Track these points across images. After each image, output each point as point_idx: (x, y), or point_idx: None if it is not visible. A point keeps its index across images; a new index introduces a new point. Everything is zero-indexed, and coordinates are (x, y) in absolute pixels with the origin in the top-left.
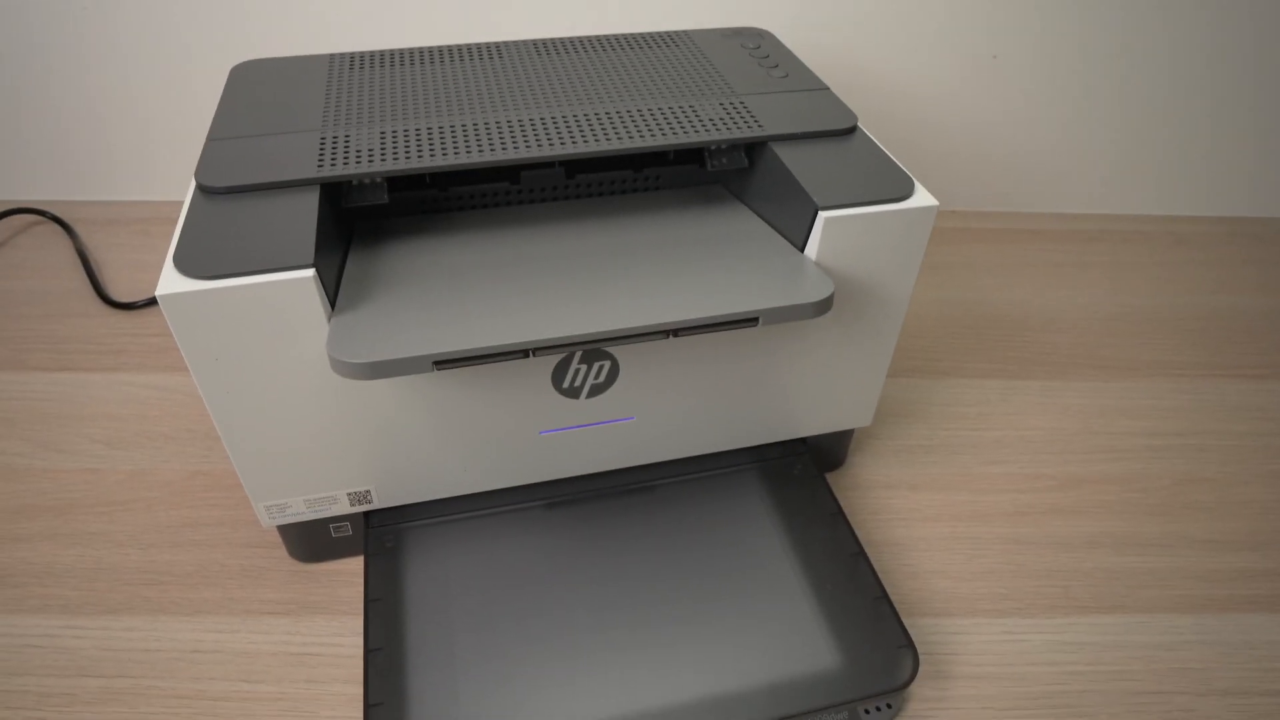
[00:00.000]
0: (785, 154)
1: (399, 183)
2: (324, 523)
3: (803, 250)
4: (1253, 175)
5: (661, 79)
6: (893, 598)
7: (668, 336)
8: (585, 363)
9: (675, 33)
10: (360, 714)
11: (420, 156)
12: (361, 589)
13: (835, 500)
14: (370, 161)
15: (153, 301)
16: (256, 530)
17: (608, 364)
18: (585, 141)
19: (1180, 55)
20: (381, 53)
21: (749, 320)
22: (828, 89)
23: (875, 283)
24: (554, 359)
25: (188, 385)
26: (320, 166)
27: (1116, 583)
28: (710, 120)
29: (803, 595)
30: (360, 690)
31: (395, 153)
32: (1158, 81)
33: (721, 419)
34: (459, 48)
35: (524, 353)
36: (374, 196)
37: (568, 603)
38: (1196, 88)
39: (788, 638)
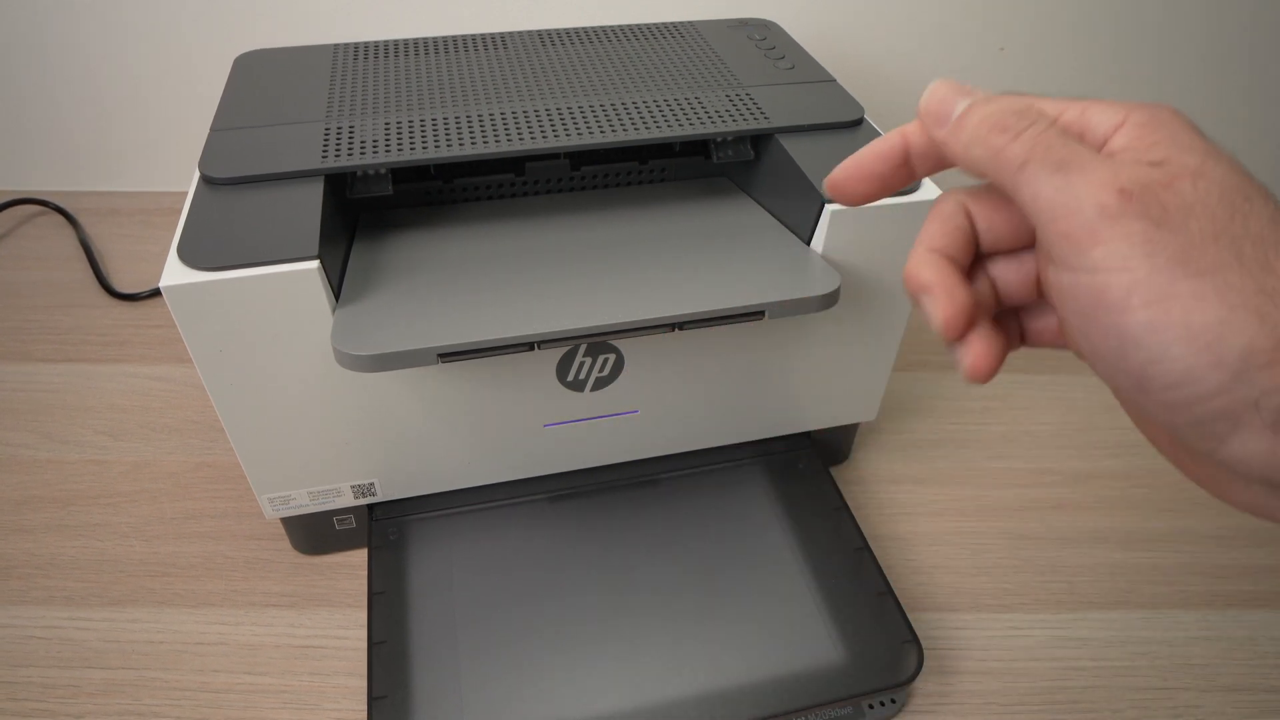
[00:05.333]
0: (791, 146)
1: (403, 174)
2: (327, 515)
3: (809, 243)
4: (1257, 170)
5: (667, 70)
6: (897, 592)
7: (673, 330)
8: (590, 356)
9: (681, 23)
10: (364, 706)
11: (425, 148)
12: (365, 581)
13: (839, 495)
14: (375, 153)
15: (156, 292)
16: (260, 522)
17: (612, 357)
18: (590, 133)
19: (1185, 51)
20: (386, 43)
21: (755, 313)
22: (834, 81)
23: (882, 276)
24: (559, 352)
25: (191, 376)
26: (324, 157)
27: (1121, 578)
28: (716, 112)
29: (807, 590)
30: (364, 683)
31: (400, 144)
32: (1161, 76)
33: (726, 413)
34: (463, 38)
35: (528, 345)
36: (378, 188)
37: (571, 596)
38: (1201, 83)
39: (792, 632)
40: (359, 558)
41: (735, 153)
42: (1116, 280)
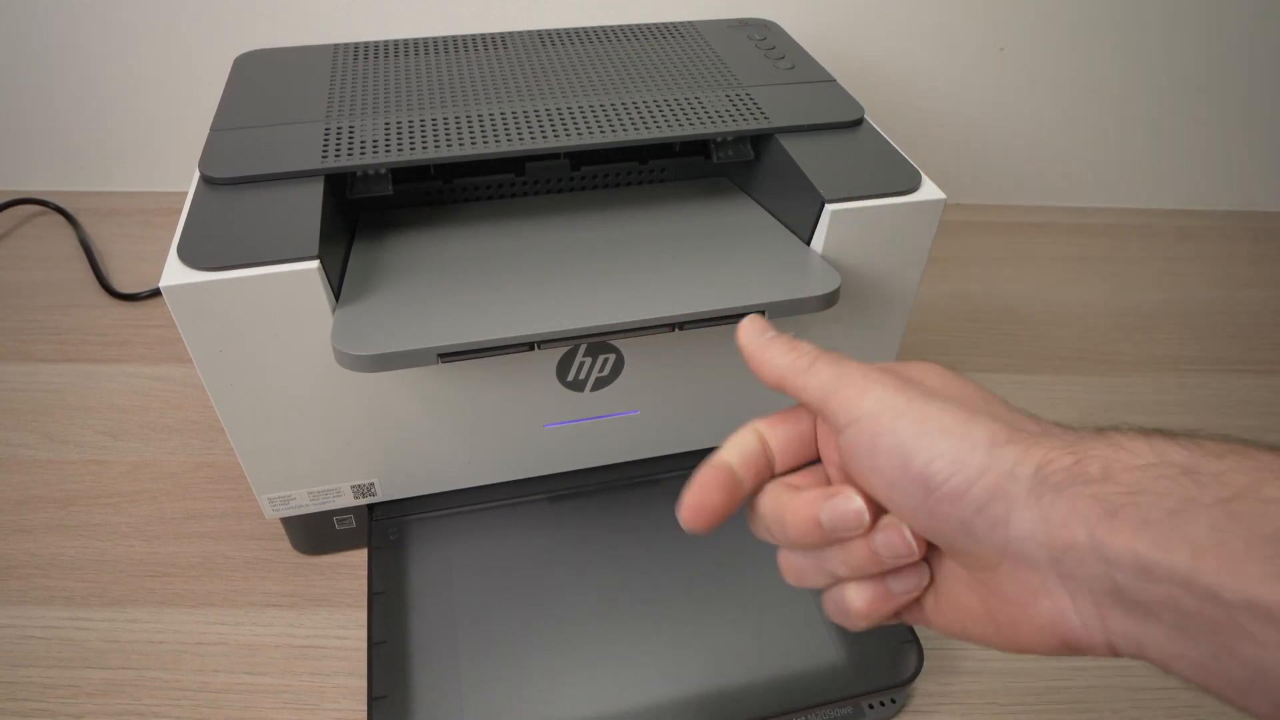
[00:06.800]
0: (791, 146)
1: (403, 174)
2: (327, 515)
3: (809, 243)
4: (1257, 169)
5: (667, 70)
6: None
7: (673, 330)
8: (590, 356)
9: (681, 23)
10: (364, 706)
11: (425, 148)
12: (365, 581)
13: None
14: (374, 153)
15: (156, 292)
16: (260, 522)
17: (612, 357)
18: (590, 133)
19: (1185, 49)
20: (386, 43)
21: (755, 313)
22: (834, 81)
23: (882, 276)
24: (558, 352)
25: (191, 376)
26: (324, 157)
27: None
28: (716, 112)
29: (807, 590)
30: (364, 683)
31: (400, 144)
32: (1163, 75)
33: (726, 413)
34: (463, 38)
35: (528, 345)
36: (378, 188)
37: (571, 597)
38: (1201, 81)
39: (792, 632)
40: (359, 558)
41: (735, 153)
42: (887, 413)
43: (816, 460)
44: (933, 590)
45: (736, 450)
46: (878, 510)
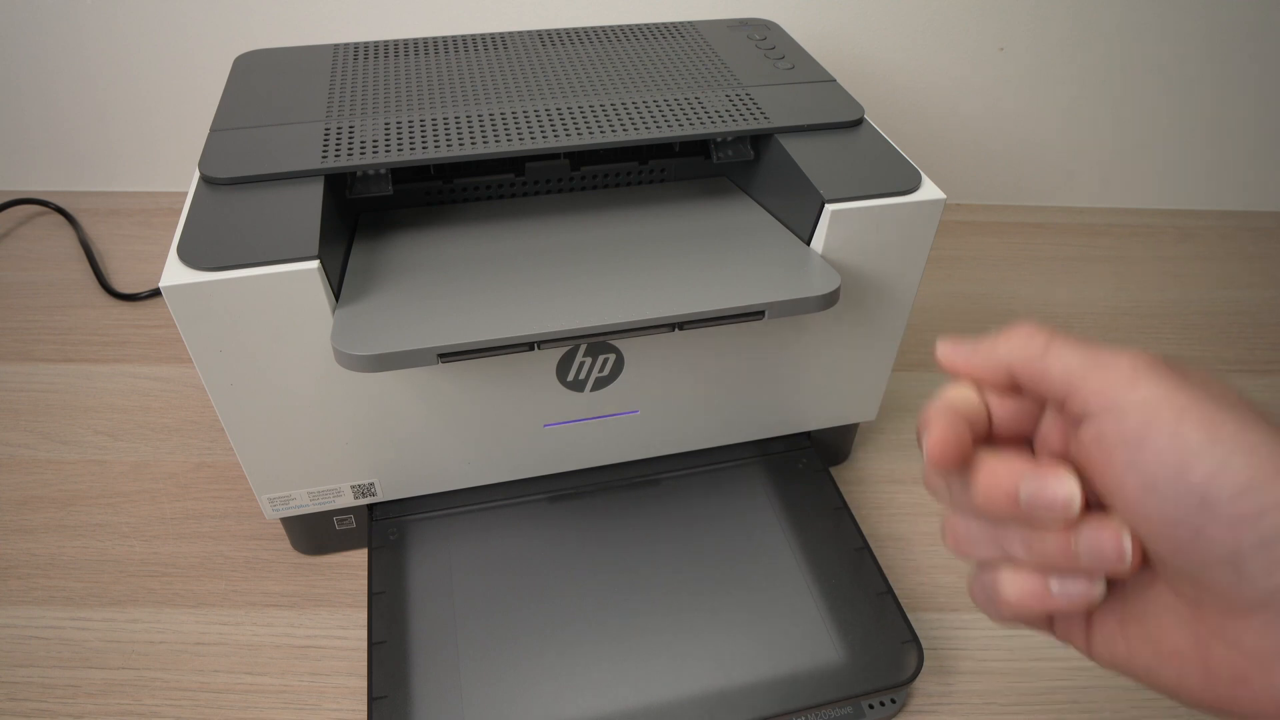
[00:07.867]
0: (791, 146)
1: (403, 174)
2: (327, 515)
3: (809, 243)
4: (1257, 169)
5: (667, 70)
6: (897, 592)
7: (673, 330)
8: (590, 356)
9: (681, 23)
10: (364, 706)
11: (425, 148)
12: (365, 582)
13: (840, 494)
14: (375, 153)
15: (156, 292)
16: (260, 522)
17: (612, 357)
18: (590, 133)
19: (1185, 49)
20: (386, 43)
21: (755, 313)
22: (834, 81)
23: (882, 276)
24: (558, 352)
25: (191, 377)
26: (324, 157)
27: None
28: (716, 112)
29: (807, 589)
30: (364, 683)
31: (400, 144)
32: (1163, 75)
33: (726, 413)
34: (464, 38)
35: (528, 345)
36: (378, 188)
37: (571, 596)
38: (1202, 81)
39: (792, 632)
40: (359, 558)
41: (735, 153)
42: (1166, 409)
43: (1027, 441)
44: (1121, 615)
45: (961, 400)
46: (1089, 504)
